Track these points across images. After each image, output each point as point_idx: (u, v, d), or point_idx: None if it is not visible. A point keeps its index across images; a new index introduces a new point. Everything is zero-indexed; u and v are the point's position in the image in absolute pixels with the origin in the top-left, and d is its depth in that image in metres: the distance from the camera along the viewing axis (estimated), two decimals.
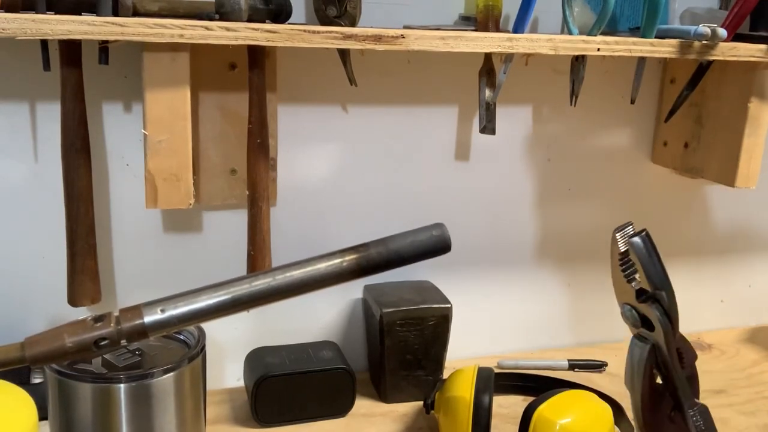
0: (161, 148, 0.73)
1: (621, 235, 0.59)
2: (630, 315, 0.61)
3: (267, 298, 0.51)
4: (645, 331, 0.60)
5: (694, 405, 0.60)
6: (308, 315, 0.96)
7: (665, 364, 0.60)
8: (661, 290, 0.59)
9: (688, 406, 0.60)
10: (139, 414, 0.67)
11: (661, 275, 0.58)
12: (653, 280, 0.58)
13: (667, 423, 0.62)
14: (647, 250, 0.58)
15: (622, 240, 0.59)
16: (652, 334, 0.60)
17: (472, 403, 0.74)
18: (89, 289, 0.78)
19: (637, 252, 0.58)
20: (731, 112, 0.94)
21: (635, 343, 0.61)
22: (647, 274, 0.58)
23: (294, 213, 0.92)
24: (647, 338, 0.60)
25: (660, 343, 0.60)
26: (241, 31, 0.70)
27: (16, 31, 0.64)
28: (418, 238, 0.52)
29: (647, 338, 0.60)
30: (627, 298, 0.61)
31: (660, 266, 0.59)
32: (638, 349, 0.61)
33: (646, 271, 0.58)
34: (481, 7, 0.82)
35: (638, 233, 0.58)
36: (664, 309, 0.59)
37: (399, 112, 0.93)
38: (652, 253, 0.58)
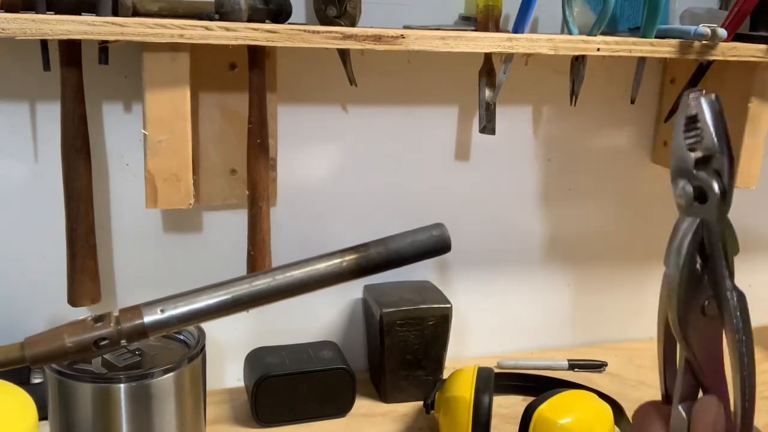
0: (161, 148, 0.73)
1: (693, 98, 0.57)
2: (683, 191, 0.58)
3: (267, 298, 0.51)
4: (696, 206, 0.57)
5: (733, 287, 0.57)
6: (308, 315, 0.96)
7: (711, 241, 0.57)
8: (723, 156, 0.56)
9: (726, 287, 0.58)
10: (139, 414, 0.67)
11: (725, 141, 0.55)
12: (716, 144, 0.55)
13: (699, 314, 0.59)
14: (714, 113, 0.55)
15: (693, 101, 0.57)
16: (703, 208, 0.56)
17: (472, 403, 0.74)
18: (89, 289, 0.78)
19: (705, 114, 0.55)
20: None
21: (683, 219, 0.58)
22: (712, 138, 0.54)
23: (294, 213, 0.92)
24: (697, 212, 0.57)
25: (710, 219, 0.56)
26: (241, 31, 0.70)
27: (16, 31, 0.64)
28: (418, 238, 0.52)
29: (697, 212, 0.57)
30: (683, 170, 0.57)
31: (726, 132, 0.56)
32: (686, 224, 0.57)
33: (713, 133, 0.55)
34: (481, 7, 0.82)
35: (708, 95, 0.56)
36: (722, 180, 0.55)
37: (399, 112, 0.93)
38: (720, 116, 0.56)
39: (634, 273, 1.10)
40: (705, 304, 0.58)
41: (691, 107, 0.56)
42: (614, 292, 1.11)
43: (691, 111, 0.56)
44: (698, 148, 0.56)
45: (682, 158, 0.58)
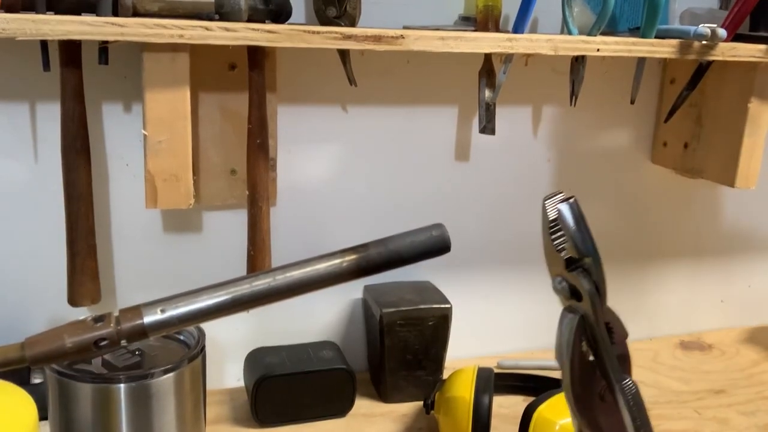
0: (161, 148, 0.73)
1: (550, 203, 0.59)
2: (560, 287, 0.60)
3: (267, 298, 0.51)
4: (575, 303, 0.59)
5: (622, 380, 0.59)
6: (308, 315, 0.96)
7: (594, 336, 0.59)
8: (588, 258, 0.58)
9: (616, 380, 0.60)
10: (139, 414, 0.67)
11: (588, 243, 0.58)
12: (580, 248, 0.58)
13: (598, 401, 0.61)
14: (574, 217, 0.57)
15: (550, 207, 0.58)
16: (581, 304, 0.59)
17: (472, 403, 0.74)
18: (89, 289, 0.78)
19: (564, 219, 0.57)
20: (731, 112, 0.94)
21: (564, 315, 0.60)
22: (574, 242, 0.57)
23: (294, 213, 0.92)
24: (576, 309, 0.59)
25: (588, 314, 0.59)
26: (241, 32, 0.70)
27: (16, 32, 0.64)
28: (418, 238, 0.52)
29: (576, 309, 0.59)
30: (558, 269, 0.60)
31: (587, 234, 0.58)
32: (567, 320, 0.59)
33: (573, 238, 0.57)
34: (481, 7, 0.82)
35: (566, 199, 0.58)
36: (591, 278, 0.59)
37: (399, 112, 0.93)
38: (579, 220, 0.58)
39: (633, 273, 1.10)
40: (602, 392, 0.60)
41: (550, 212, 0.58)
42: (614, 292, 1.10)
43: (551, 215, 0.58)
44: (565, 249, 0.58)
45: (555, 260, 0.60)
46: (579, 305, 0.59)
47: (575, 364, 0.59)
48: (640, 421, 0.59)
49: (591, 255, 0.58)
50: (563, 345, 0.59)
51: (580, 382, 0.60)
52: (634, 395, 0.60)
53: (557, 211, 0.58)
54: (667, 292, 1.13)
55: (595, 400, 0.60)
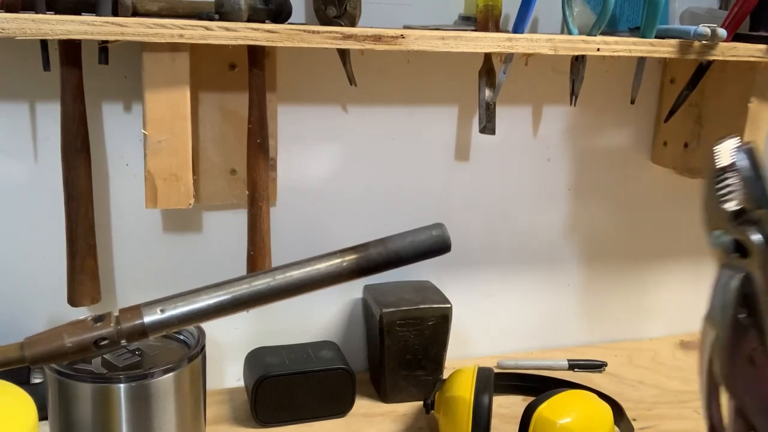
0: (161, 148, 0.73)
1: (722, 148, 0.54)
2: (721, 242, 0.56)
3: (267, 298, 0.51)
4: (737, 259, 0.54)
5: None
6: (308, 315, 0.96)
7: (756, 296, 0.55)
8: (763, 209, 0.53)
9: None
10: (139, 414, 0.67)
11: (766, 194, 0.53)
12: (757, 197, 0.52)
13: (746, 364, 0.57)
14: (753, 164, 0.52)
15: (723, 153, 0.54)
16: (745, 262, 0.54)
17: (472, 403, 0.74)
18: (89, 289, 0.78)
19: (743, 165, 0.53)
20: (731, 112, 0.94)
21: (725, 273, 0.54)
22: (751, 191, 0.52)
23: (294, 213, 0.92)
24: (738, 267, 0.54)
25: (754, 273, 0.53)
26: (241, 31, 0.70)
27: (16, 31, 0.64)
28: (418, 238, 0.52)
29: (738, 267, 0.54)
30: (718, 222, 0.55)
31: (765, 183, 0.52)
32: (728, 278, 0.54)
33: (750, 187, 0.52)
34: (481, 7, 0.82)
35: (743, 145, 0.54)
36: (765, 232, 0.52)
37: (399, 112, 0.93)
38: (758, 168, 0.52)
39: (634, 273, 1.10)
40: (753, 354, 0.56)
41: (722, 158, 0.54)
42: (614, 292, 1.11)
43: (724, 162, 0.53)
44: (734, 200, 0.54)
45: (716, 212, 0.55)
46: (741, 262, 0.54)
47: (730, 327, 0.54)
48: None
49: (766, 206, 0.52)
50: (724, 306, 0.54)
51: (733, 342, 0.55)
52: None
53: (733, 158, 0.53)
54: (667, 292, 1.13)
55: (743, 364, 0.55)
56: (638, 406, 0.91)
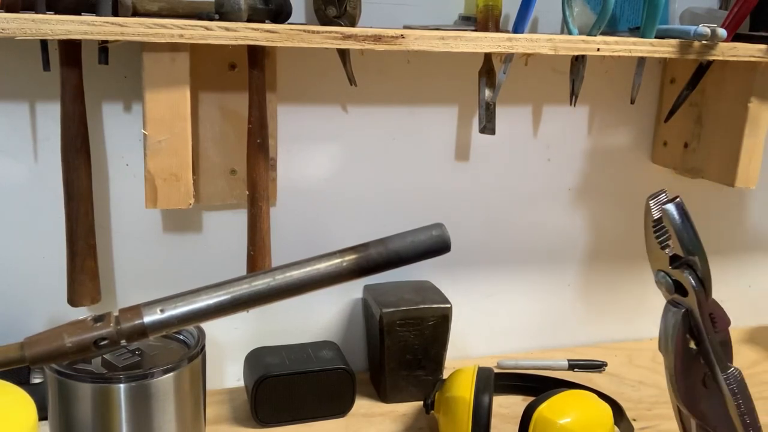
0: (161, 148, 0.73)
1: (654, 203, 0.61)
2: (664, 281, 0.62)
3: (267, 298, 0.51)
4: (679, 297, 0.61)
5: (727, 368, 0.62)
6: (308, 315, 0.96)
7: (698, 328, 0.61)
8: (695, 256, 0.60)
9: (721, 370, 0.62)
10: (139, 414, 0.67)
11: (695, 241, 0.60)
12: (687, 245, 0.60)
13: (700, 387, 0.63)
14: (681, 217, 0.59)
15: (655, 207, 0.60)
16: (686, 299, 0.61)
17: (472, 403, 0.74)
18: (89, 289, 0.78)
19: (671, 219, 0.59)
20: (731, 112, 0.94)
21: (669, 309, 0.63)
22: (681, 241, 0.60)
23: (294, 213, 0.92)
24: (681, 304, 0.61)
25: (693, 308, 0.61)
26: (241, 31, 0.70)
27: (16, 31, 0.64)
28: (418, 238, 0.52)
29: (681, 304, 0.61)
30: (661, 264, 0.62)
31: (693, 232, 0.60)
32: (672, 314, 0.62)
33: (680, 237, 0.59)
34: (481, 7, 0.82)
35: (671, 200, 0.59)
36: (697, 274, 0.60)
37: (399, 112, 0.93)
38: (684, 219, 0.60)
39: (634, 273, 1.10)
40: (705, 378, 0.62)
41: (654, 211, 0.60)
42: (614, 292, 1.11)
43: (656, 215, 0.60)
44: (670, 247, 0.61)
45: (658, 256, 0.62)
46: (683, 300, 0.61)
47: (679, 354, 0.61)
48: (745, 407, 0.61)
49: (697, 253, 0.60)
50: (668, 337, 0.62)
51: (683, 371, 0.62)
52: (738, 382, 0.61)
53: (662, 211, 0.59)
54: None
55: (697, 386, 0.62)
56: (638, 406, 0.91)
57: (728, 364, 0.62)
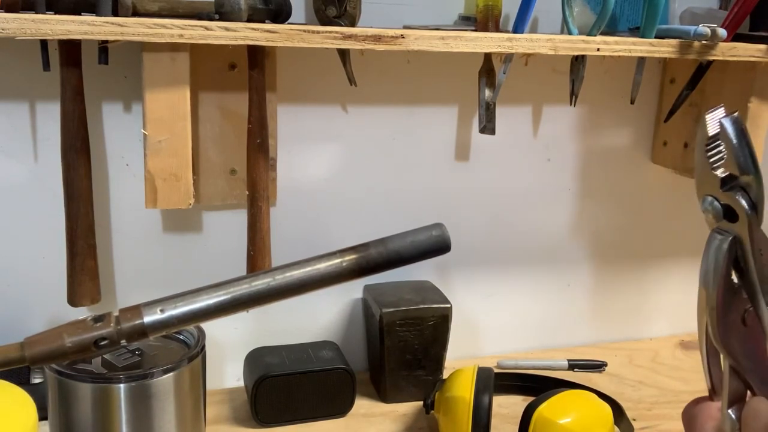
0: (161, 148, 0.73)
1: (711, 117, 0.57)
2: (711, 207, 0.59)
3: (267, 298, 0.51)
4: (726, 224, 0.56)
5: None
6: (308, 315, 0.96)
7: (745, 258, 0.58)
8: (749, 176, 0.56)
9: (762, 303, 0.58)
10: (139, 414, 0.67)
11: (751, 160, 0.56)
12: (742, 164, 0.56)
13: (739, 324, 0.60)
14: (738, 132, 0.54)
15: (712, 121, 0.57)
16: (734, 226, 0.56)
17: (472, 403, 0.74)
18: (89, 289, 0.78)
19: (727, 133, 0.56)
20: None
21: (714, 237, 0.58)
22: (736, 158, 0.55)
23: (294, 213, 0.92)
24: (728, 231, 0.56)
25: (742, 236, 0.57)
26: (241, 31, 0.70)
27: (15, 31, 0.64)
28: (418, 238, 0.52)
29: (728, 231, 0.56)
30: (710, 188, 0.57)
31: (750, 150, 0.56)
32: (718, 242, 0.56)
33: (735, 154, 0.54)
34: (481, 7, 0.82)
35: (729, 114, 0.56)
36: (751, 198, 0.57)
37: (399, 112, 0.93)
38: (742, 136, 0.56)
39: (634, 273, 1.10)
40: (744, 315, 0.58)
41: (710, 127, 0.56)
42: (614, 292, 1.11)
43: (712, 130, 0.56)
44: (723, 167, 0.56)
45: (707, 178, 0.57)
46: (731, 226, 0.56)
47: (721, 287, 0.57)
48: None
49: (752, 173, 0.55)
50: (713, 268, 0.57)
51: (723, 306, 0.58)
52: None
53: (719, 126, 0.56)
54: (667, 292, 1.13)
55: (736, 324, 0.58)
56: (638, 406, 0.91)
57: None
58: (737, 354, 0.58)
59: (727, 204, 0.56)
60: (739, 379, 0.58)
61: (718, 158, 0.56)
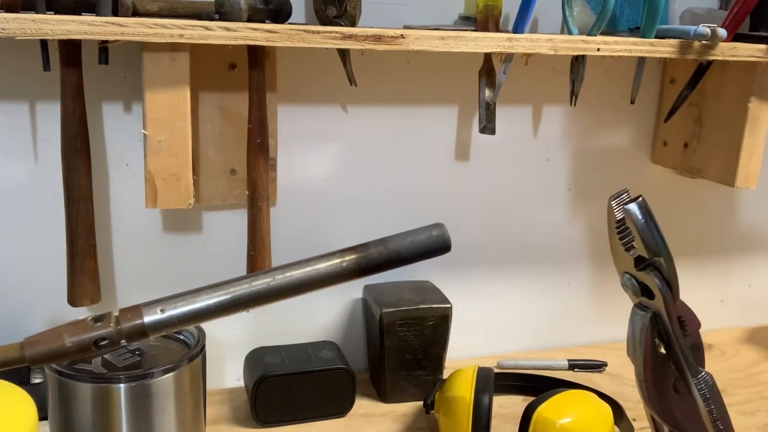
0: (161, 148, 0.73)
1: (616, 203, 0.58)
2: (630, 284, 0.60)
3: (267, 298, 0.51)
4: (645, 300, 0.59)
5: (697, 373, 0.59)
6: (308, 315, 0.96)
7: (666, 332, 0.59)
8: (660, 257, 0.58)
9: (692, 374, 0.59)
10: (139, 414, 0.67)
11: (659, 242, 0.57)
12: (651, 247, 0.57)
13: (672, 393, 0.61)
14: (644, 217, 0.57)
15: (617, 207, 0.58)
16: (653, 302, 0.59)
17: (472, 403, 0.74)
18: (89, 289, 0.78)
19: (634, 219, 0.57)
20: (731, 112, 0.94)
21: (636, 312, 0.60)
22: (645, 242, 0.57)
23: (294, 213, 0.92)
24: (648, 306, 0.59)
25: (660, 311, 0.59)
26: (241, 31, 0.70)
27: (15, 31, 0.64)
28: (418, 238, 0.52)
29: (648, 306, 0.59)
30: (626, 266, 0.60)
31: (657, 233, 0.57)
32: (639, 317, 0.60)
33: (644, 238, 0.57)
34: (481, 7, 0.82)
35: (634, 200, 0.57)
36: (663, 276, 0.58)
37: (399, 112, 0.93)
38: (648, 219, 0.57)
39: None
40: (676, 383, 0.60)
41: (617, 212, 0.58)
42: (614, 292, 1.10)
43: (618, 215, 0.58)
44: (634, 247, 0.59)
45: (622, 258, 0.60)
46: (650, 303, 0.59)
47: (648, 359, 0.59)
48: (717, 413, 0.59)
49: (662, 253, 0.57)
50: (636, 341, 0.60)
51: (653, 376, 0.60)
52: (710, 387, 0.59)
53: (625, 212, 0.57)
54: None
55: (669, 392, 0.61)
56: (638, 406, 0.91)
57: (699, 368, 0.60)
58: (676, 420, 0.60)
59: (643, 282, 0.59)
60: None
61: (629, 240, 0.59)
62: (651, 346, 0.59)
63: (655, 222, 0.58)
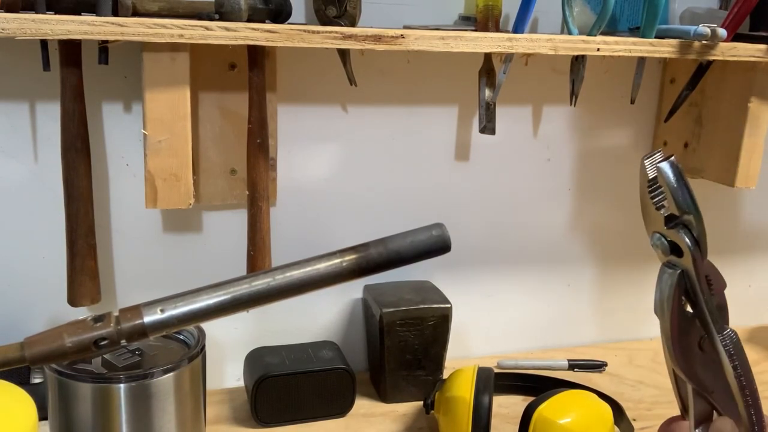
0: (161, 148, 0.73)
1: (649, 162, 0.60)
2: (659, 243, 0.61)
3: (267, 298, 0.51)
4: (674, 258, 0.60)
5: (723, 330, 0.60)
6: (308, 315, 0.96)
7: (694, 290, 0.60)
8: (690, 215, 0.59)
9: (717, 331, 0.60)
10: (139, 414, 0.67)
11: (689, 200, 0.58)
12: (681, 204, 0.58)
13: (697, 350, 0.62)
14: (675, 175, 0.58)
15: (650, 166, 0.60)
16: (681, 260, 0.60)
17: (472, 403, 0.74)
18: (89, 289, 0.78)
19: (665, 177, 0.58)
20: (731, 112, 0.94)
21: (664, 270, 0.61)
22: (675, 199, 0.58)
23: (294, 213, 0.92)
24: (676, 265, 0.60)
25: (689, 269, 0.59)
26: (241, 31, 0.70)
27: (16, 31, 0.64)
28: (418, 238, 0.52)
29: (676, 265, 0.60)
30: (656, 226, 0.61)
31: (688, 191, 0.59)
32: (667, 275, 0.61)
33: (674, 195, 0.58)
34: (481, 7, 0.82)
35: (666, 158, 0.58)
36: (693, 234, 0.59)
37: (399, 112, 0.93)
38: (679, 177, 0.58)
39: (634, 273, 1.10)
40: (701, 341, 0.61)
41: (649, 171, 0.59)
42: (614, 292, 1.11)
43: (651, 174, 0.59)
44: (665, 206, 0.60)
45: (653, 217, 0.61)
46: (678, 260, 0.60)
47: (675, 317, 0.60)
48: (741, 368, 0.60)
49: (692, 211, 0.58)
50: (664, 299, 0.61)
51: (679, 335, 0.61)
52: (735, 343, 0.60)
53: (657, 170, 0.58)
54: None
55: (694, 350, 0.61)
56: (638, 406, 0.91)
57: (724, 326, 0.61)
58: (699, 378, 0.61)
59: (672, 240, 0.60)
60: (705, 400, 0.61)
61: (660, 198, 0.60)
62: (678, 303, 0.61)
63: (686, 180, 0.59)
